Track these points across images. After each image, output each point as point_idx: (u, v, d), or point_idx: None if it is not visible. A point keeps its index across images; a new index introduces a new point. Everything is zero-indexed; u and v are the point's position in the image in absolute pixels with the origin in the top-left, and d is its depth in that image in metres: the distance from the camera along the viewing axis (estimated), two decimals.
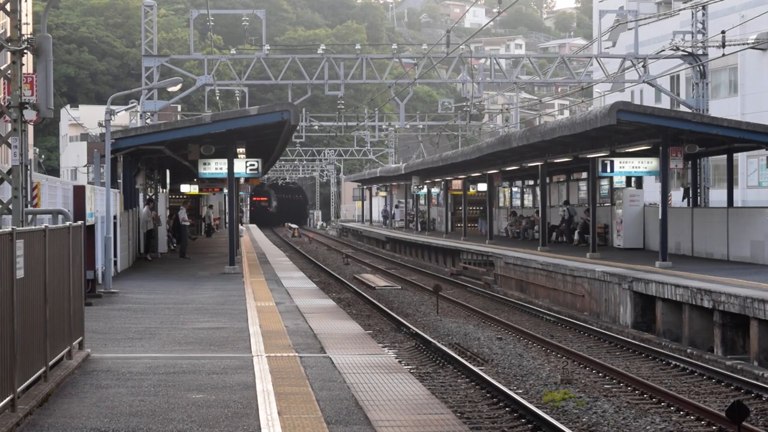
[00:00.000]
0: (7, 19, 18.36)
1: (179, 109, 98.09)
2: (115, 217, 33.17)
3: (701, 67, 45.87)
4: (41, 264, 13.61)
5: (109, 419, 12.51)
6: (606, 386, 21.14)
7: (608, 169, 38.38)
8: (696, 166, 43.33)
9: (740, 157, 59.57)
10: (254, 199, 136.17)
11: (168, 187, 56.92)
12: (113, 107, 31.66)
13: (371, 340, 20.49)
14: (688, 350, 25.19)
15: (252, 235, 78.31)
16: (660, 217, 34.47)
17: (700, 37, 45.85)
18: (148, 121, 46.31)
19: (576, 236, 48.87)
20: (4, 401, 11.69)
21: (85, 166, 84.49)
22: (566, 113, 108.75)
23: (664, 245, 33.98)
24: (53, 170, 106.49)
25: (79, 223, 17.12)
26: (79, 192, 27.80)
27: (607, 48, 73.28)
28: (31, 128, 58.06)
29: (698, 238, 38.78)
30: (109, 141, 30.97)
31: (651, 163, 38.03)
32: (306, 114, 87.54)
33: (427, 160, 66.28)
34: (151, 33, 47.12)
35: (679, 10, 57.89)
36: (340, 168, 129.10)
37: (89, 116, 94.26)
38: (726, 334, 24.63)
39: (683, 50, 45.97)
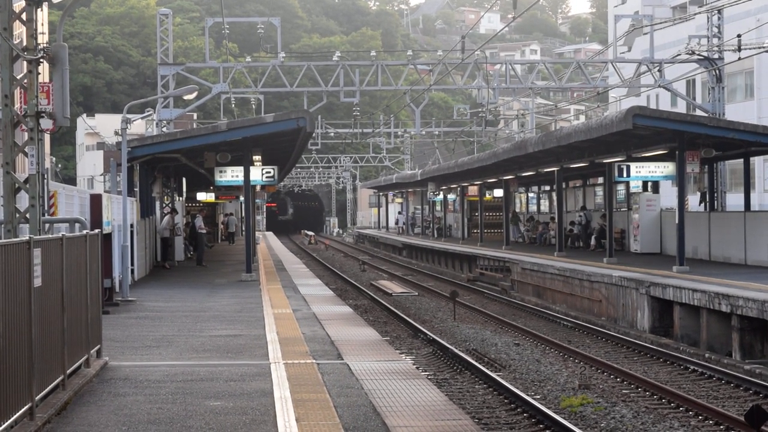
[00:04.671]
0: (23, 29, 18.42)
1: (195, 117, 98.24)
2: (131, 226, 33.24)
3: (717, 71, 45.77)
4: (58, 272, 13.64)
5: (128, 427, 12.53)
6: (624, 391, 21.09)
7: (624, 174, 38.30)
8: (713, 170, 43.21)
9: (757, 161, 59.41)
10: (269, 205, 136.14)
11: (184, 195, 57.00)
12: (129, 116, 31.75)
13: (388, 347, 20.48)
14: (706, 355, 25.12)
15: (268, 242, 78.38)
16: (677, 222, 34.38)
17: (715, 41, 45.76)
18: (164, 129, 46.39)
19: (593, 241, 48.77)
20: (23, 410, 11.72)
21: (101, 175, 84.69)
22: (582, 118, 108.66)
23: (681, 250, 33.89)
24: (70, 179, 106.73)
25: (96, 231, 17.16)
26: (95, 200, 27.87)
27: (623, 53, 73.34)
28: (47, 137, 58.24)
29: (715, 243, 38.68)
30: (126, 149, 31.05)
31: (667, 168, 37.94)
32: (321, 121, 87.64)
33: (443, 167, 66.25)
34: (167, 41, 47.23)
35: (695, 14, 57.74)
36: (356, 175, 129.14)
37: (105, 125, 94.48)
38: (744, 338, 24.56)
39: (699, 54, 45.88)
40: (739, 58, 43.27)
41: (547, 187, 65.71)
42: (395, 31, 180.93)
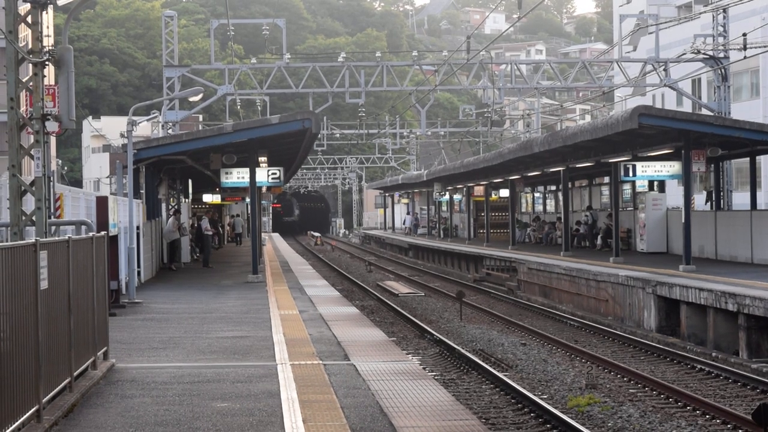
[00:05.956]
0: (29, 32, 18.43)
1: (201, 118, 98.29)
2: (138, 228, 33.26)
3: (723, 70, 45.72)
4: (65, 275, 13.65)
5: (135, 429, 12.54)
6: (631, 390, 21.07)
7: (630, 174, 38.26)
8: (719, 169, 43.17)
9: (763, 160, 59.32)
10: (275, 207, 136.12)
11: (190, 196, 56.98)
12: (135, 118, 31.76)
13: (395, 347, 20.48)
14: (713, 354, 25.09)
15: (274, 243, 78.38)
16: (683, 221, 34.35)
17: (721, 40, 45.71)
18: (170, 131, 46.39)
19: (599, 241, 48.74)
20: (30, 412, 11.73)
21: (107, 177, 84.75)
22: (588, 118, 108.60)
23: (688, 249, 33.86)
24: (76, 182, 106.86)
25: (103, 233, 17.16)
26: (102, 203, 27.88)
27: (628, 52, 73.23)
28: (53, 140, 58.29)
29: (722, 242, 38.64)
30: (131, 151, 31.06)
31: (673, 167, 37.90)
32: (327, 122, 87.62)
33: (449, 167, 66.21)
34: (172, 43, 47.24)
35: (700, 13, 57.66)
36: (361, 176, 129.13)
37: (111, 127, 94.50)
38: (751, 337, 24.54)
39: (704, 53, 45.82)
40: (745, 57, 43.23)
41: (553, 187, 65.69)
42: (400, 31, 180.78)
